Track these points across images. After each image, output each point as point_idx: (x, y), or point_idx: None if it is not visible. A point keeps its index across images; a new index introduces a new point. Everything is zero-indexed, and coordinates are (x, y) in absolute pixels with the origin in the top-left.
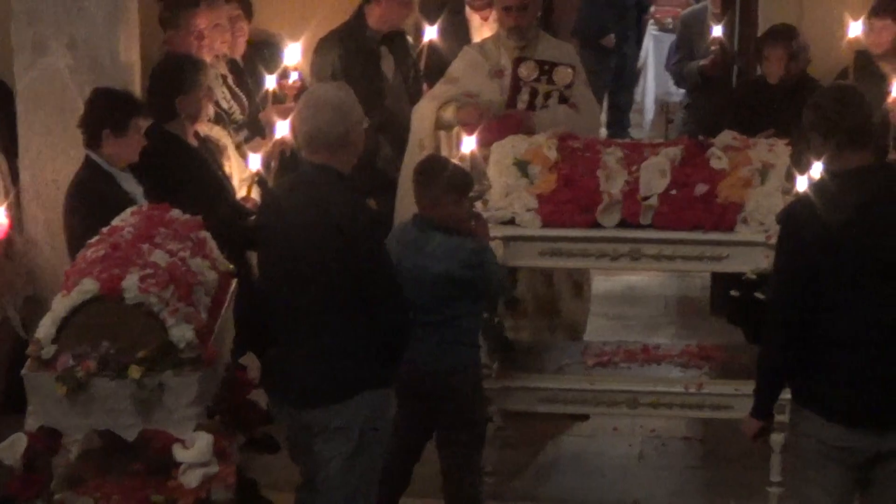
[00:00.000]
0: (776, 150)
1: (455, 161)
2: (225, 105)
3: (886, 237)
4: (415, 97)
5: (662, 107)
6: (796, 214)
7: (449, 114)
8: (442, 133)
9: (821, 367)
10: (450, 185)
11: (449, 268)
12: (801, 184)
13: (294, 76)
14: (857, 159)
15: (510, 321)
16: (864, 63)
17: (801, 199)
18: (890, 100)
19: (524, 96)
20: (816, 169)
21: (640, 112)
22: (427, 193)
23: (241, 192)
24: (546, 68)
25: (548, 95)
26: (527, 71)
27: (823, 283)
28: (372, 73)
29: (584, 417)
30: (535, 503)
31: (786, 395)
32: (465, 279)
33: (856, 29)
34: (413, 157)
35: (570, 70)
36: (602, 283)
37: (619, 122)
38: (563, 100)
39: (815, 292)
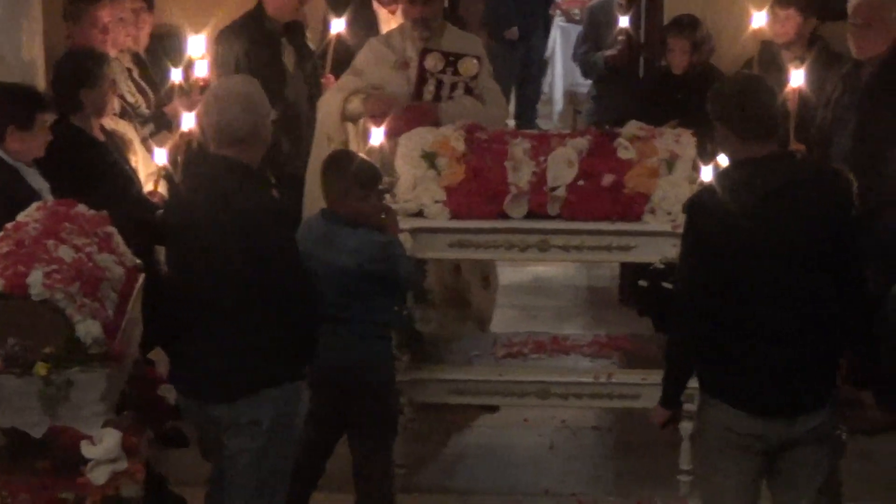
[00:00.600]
0: (682, 141)
1: (363, 154)
2: (130, 99)
3: (790, 226)
4: (314, 90)
5: (570, 98)
6: (701, 204)
7: (354, 105)
8: (349, 126)
9: (728, 355)
10: (357, 179)
11: (358, 262)
12: (706, 174)
13: (201, 67)
14: (760, 149)
15: (420, 313)
16: (769, 53)
17: (706, 189)
18: (789, 89)
19: (430, 88)
20: (722, 158)
21: (549, 103)
22: (334, 188)
23: (147, 187)
24: (452, 60)
25: (454, 87)
26: (433, 62)
27: (728, 272)
28: (273, 64)
29: (494, 409)
30: (445, 495)
31: (694, 383)
32: (374, 273)
33: (760, 19)
34: (321, 150)
35: (475, 61)
36: (511, 274)
37: (527, 113)
38: (469, 91)
39: (720, 282)
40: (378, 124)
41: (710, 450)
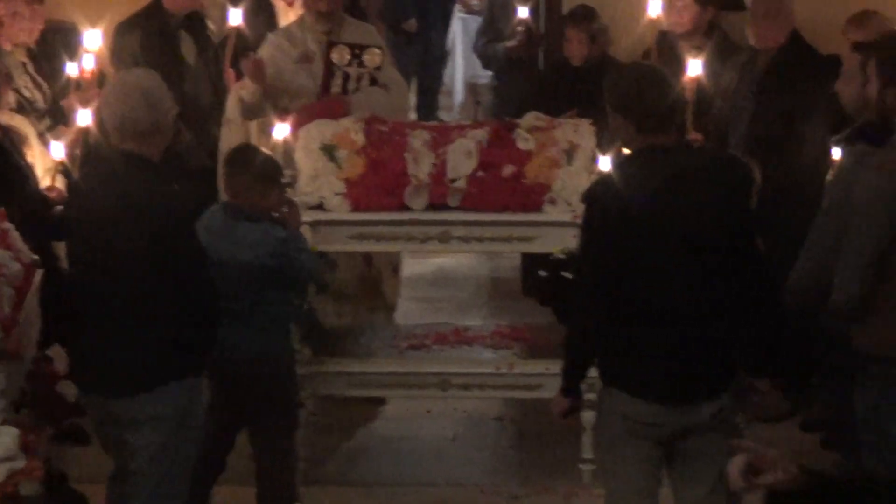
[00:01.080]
0: (581, 131)
1: (265, 149)
2: (27, 94)
3: (687, 214)
4: (216, 81)
5: (471, 89)
6: (599, 194)
7: (245, 92)
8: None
9: (626, 343)
10: (258, 174)
11: (257, 256)
12: (604, 164)
13: (88, 60)
14: (657, 139)
15: (335, 306)
16: (667, 43)
17: (604, 179)
18: (686, 79)
19: (338, 81)
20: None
21: (450, 95)
22: (235, 182)
23: (44, 182)
24: (357, 52)
25: (360, 79)
26: (339, 55)
27: (626, 260)
28: (171, 56)
29: (382, 402)
30: (348, 487)
31: (595, 372)
32: (273, 268)
33: (656, 8)
34: (229, 142)
35: (378, 52)
36: (413, 266)
37: (427, 105)
38: (374, 82)
39: (619, 270)
40: (284, 120)
41: (610, 438)
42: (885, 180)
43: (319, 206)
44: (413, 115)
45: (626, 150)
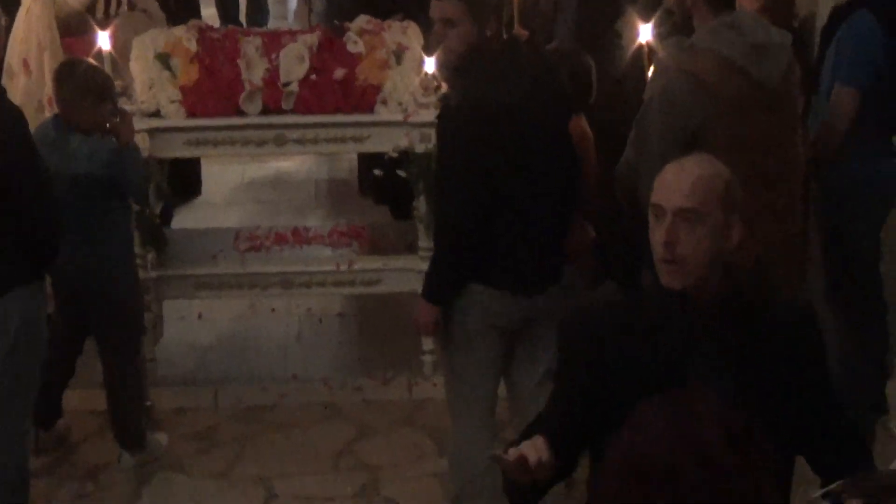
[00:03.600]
0: (409, 33)
1: (92, 61)
2: None
3: (533, 110)
4: None
5: None
6: (453, 110)
7: None
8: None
9: (492, 240)
10: (86, 87)
11: (89, 168)
12: (429, 65)
13: None
14: (486, 36)
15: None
16: None
17: (454, 94)
18: None
19: (100, 5)
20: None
21: (283, 3)
22: (64, 95)
23: None
24: None
25: (119, 4)
26: None
27: (491, 160)
28: None
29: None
30: (198, 386)
31: None
32: (106, 178)
33: None
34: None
35: None
36: (254, 170)
37: (258, 12)
38: (132, 6)
39: (484, 172)
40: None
41: (464, 334)
42: (675, 81)
43: (156, 114)
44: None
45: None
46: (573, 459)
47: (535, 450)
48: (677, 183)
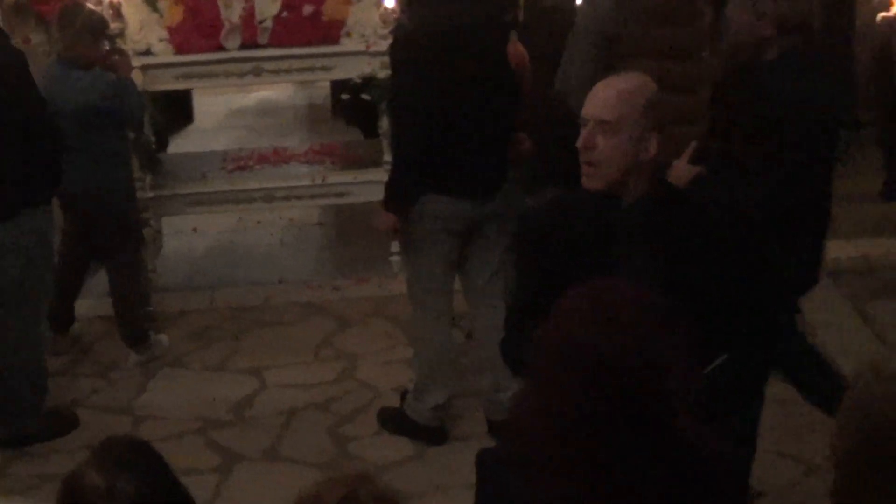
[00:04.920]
0: None
1: (90, 6)
2: None
3: (477, 35)
4: None
5: None
6: (404, 36)
7: None
8: None
9: (445, 156)
10: (85, 27)
11: (89, 99)
12: (389, 2)
13: None
14: None
15: None
16: None
17: (406, 22)
18: None
19: None
20: None
21: None
22: (65, 35)
23: None
24: None
25: None
26: None
27: (440, 91)
28: None
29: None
30: (195, 290)
31: None
32: (105, 109)
33: None
34: None
35: None
36: (239, 99)
37: None
38: None
39: (436, 100)
40: None
41: (422, 236)
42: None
43: (147, 52)
44: None
45: None
46: None
47: None
48: (600, 97)
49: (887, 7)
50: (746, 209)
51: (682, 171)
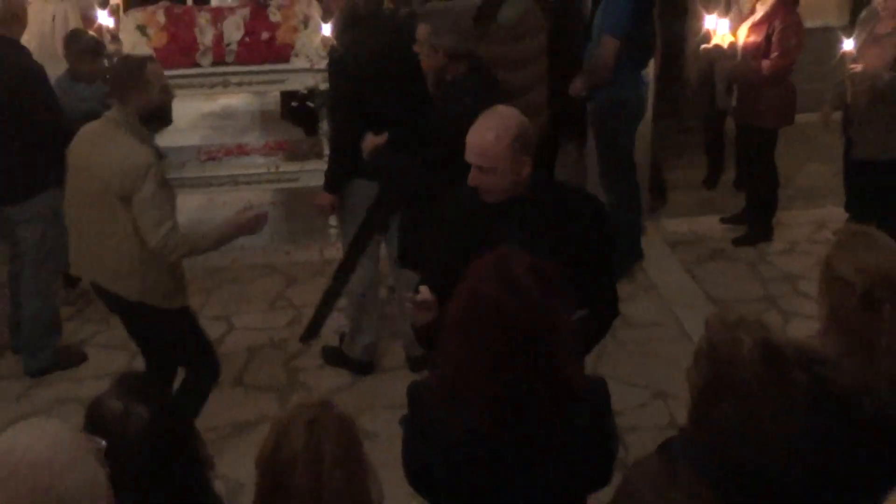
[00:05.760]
0: (312, 5)
1: (91, 32)
2: None
3: (394, 56)
4: None
5: None
6: (338, 58)
7: None
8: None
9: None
10: (87, 49)
11: (91, 106)
12: (325, 29)
13: None
14: (361, 8)
15: None
16: None
17: (339, 47)
18: None
19: None
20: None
21: None
22: (70, 54)
23: None
24: None
25: None
26: None
27: (364, 105)
28: None
29: None
30: None
31: None
32: (102, 113)
33: None
34: None
35: None
36: (209, 105)
37: None
38: None
39: (360, 104)
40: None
41: (352, 208)
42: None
43: None
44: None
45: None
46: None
47: (428, 293)
48: (474, 144)
49: (708, 40)
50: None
51: (368, 142)
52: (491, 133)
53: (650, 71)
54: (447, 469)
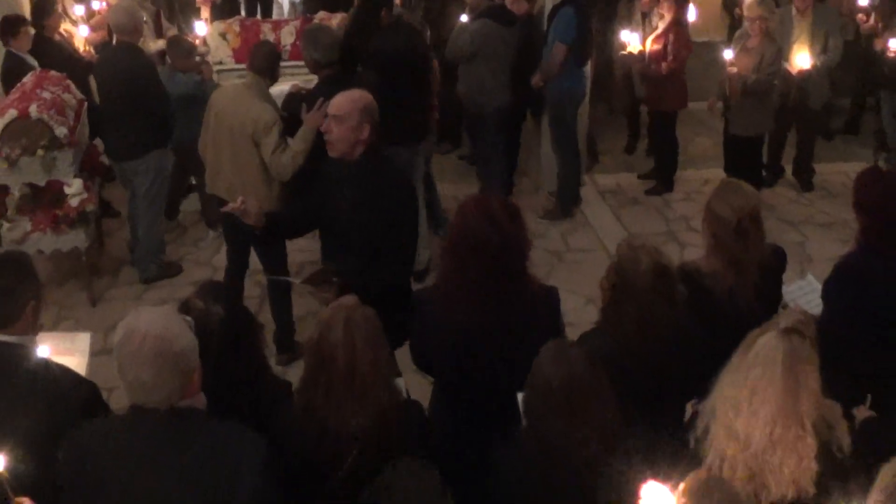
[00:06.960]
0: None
1: (189, 37)
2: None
3: (409, 54)
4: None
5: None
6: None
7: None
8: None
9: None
10: (182, 48)
11: (187, 89)
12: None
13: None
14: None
15: None
16: None
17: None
18: None
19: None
20: None
21: (280, 6)
22: (172, 53)
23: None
24: None
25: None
26: None
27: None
28: None
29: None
30: None
31: None
32: (195, 95)
33: None
34: None
35: None
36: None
37: (269, 10)
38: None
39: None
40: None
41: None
42: None
43: (220, 63)
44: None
45: None
46: None
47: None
48: (335, 102)
49: (625, 48)
50: None
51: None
52: (349, 95)
53: (588, 68)
54: (444, 353)
